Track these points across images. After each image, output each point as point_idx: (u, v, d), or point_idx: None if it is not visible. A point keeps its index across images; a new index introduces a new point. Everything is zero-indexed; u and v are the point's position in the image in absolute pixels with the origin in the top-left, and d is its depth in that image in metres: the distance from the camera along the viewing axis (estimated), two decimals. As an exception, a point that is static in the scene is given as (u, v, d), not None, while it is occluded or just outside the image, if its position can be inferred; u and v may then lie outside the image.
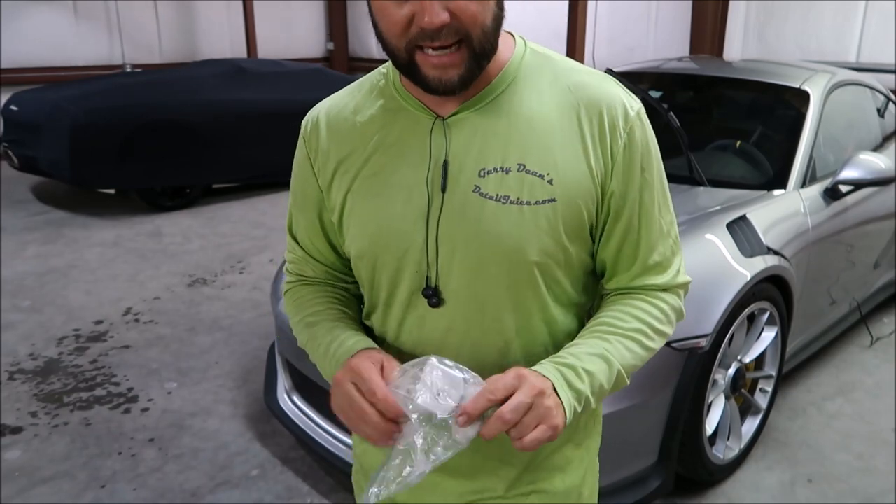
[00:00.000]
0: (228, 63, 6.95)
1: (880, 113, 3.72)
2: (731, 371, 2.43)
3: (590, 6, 6.80)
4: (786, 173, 2.84)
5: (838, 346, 3.48)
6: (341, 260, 1.12)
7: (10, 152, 6.06)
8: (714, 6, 6.95)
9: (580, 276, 1.04)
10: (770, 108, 3.35)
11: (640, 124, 0.98)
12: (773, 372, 2.66)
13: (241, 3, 9.58)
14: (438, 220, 0.96)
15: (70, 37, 8.54)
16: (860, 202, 3.07)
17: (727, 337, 2.30)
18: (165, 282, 4.42)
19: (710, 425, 2.38)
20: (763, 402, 2.66)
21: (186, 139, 5.93)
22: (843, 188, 2.91)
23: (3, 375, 3.23)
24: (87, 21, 8.63)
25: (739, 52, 7.14)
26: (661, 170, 1.02)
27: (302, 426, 2.47)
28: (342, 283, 1.14)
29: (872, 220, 3.24)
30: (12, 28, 8.08)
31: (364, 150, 1.00)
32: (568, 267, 1.00)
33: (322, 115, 1.06)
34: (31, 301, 4.10)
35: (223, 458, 2.64)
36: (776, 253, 2.48)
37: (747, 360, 2.52)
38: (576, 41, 6.59)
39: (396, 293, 1.02)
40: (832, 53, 6.32)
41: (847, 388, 3.14)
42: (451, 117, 0.97)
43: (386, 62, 1.02)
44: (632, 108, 0.97)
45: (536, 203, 0.94)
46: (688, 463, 2.32)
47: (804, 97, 3.05)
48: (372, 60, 10.79)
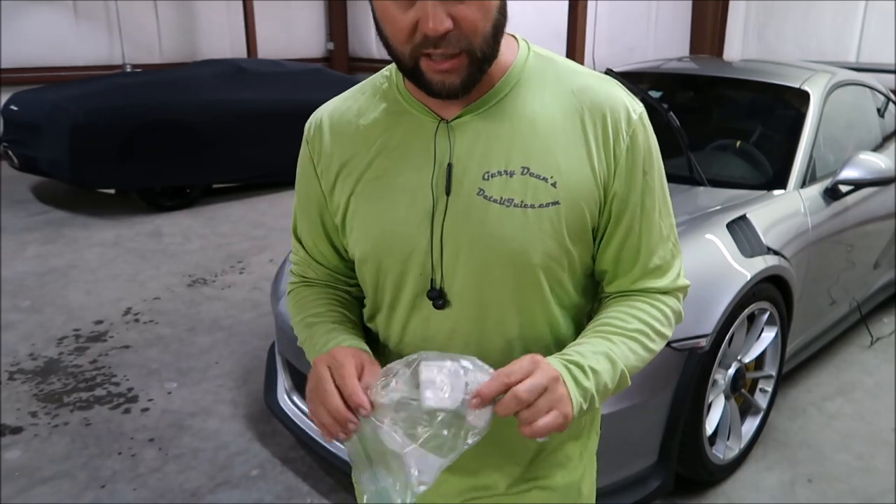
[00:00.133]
0: (228, 63, 6.95)
1: (880, 113, 3.72)
2: (731, 371, 2.43)
3: (590, 6, 6.80)
4: (786, 173, 2.84)
5: (838, 346, 3.48)
6: (344, 262, 1.12)
7: (10, 152, 6.06)
8: (714, 6, 6.95)
9: (581, 279, 1.04)
10: (770, 108, 3.35)
11: (642, 128, 0.98)
12: (773, 372, 2.66)
13: (241, 3, 9.58)
14: (443, 222, 0.96)
15: (70, 37, 8.53)
16: (860, 202, 3.07)
17: (727, 337, 2.30)
18: (165, 282, 4.42)
19: (710, 425, 2.38)
20: (763, 402, 2.66)
21: (186, 139, 5.93)
22: (843, 188, 2.91)
23: (3, 375, 3.23)
24: (87, 21, 8.63)
25: (739, 52, 7.14)
26: (661, 174, 1.03)
27: (302, 426, 2.47)
28: (344, 285, 1.15)
29: (872, 220, 3.24)
30: (12, 28, 8.07)
31: (367, 153, 1.00)
32: (571, 269, 1.00)
33: (325, 117, 1.06)
34: (31, 301, 4.10)
35: (223, 458, 2.64)
36: (776, 253, 2.48)
37: (747, 360, 2.52)
38: (576, 41, 6.59)
39: (401, 296, 1.03)
40: (832, 53, 6.32)
41: (847, 388, 3.14)
42: (454, 120, 0.97)
43: (388, 64, 1.03)
44: (634, 111, 0.98)
45: (540, 206, 0.94)
46: (688, 463, 2.32)
47: (804, 97, 3.05)
48: (372, 60, 10.79)
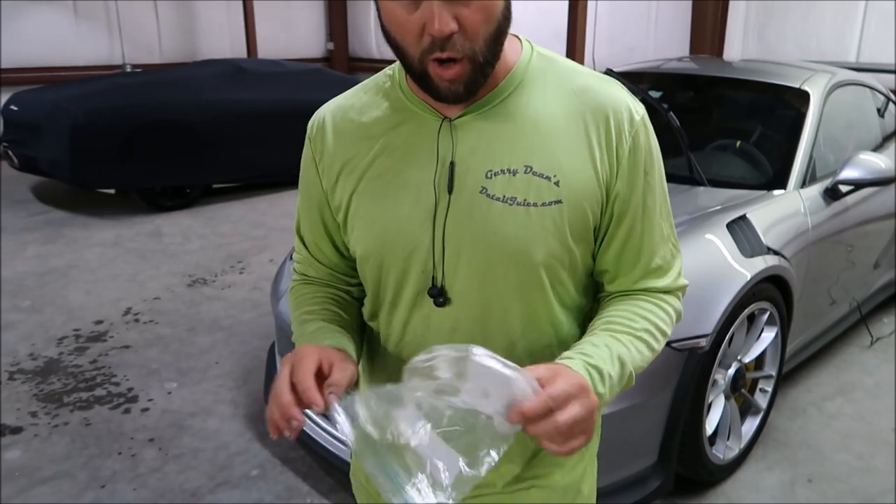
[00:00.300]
0: (228, 63, 6.95)
1: (880, 113, 3.72)
2: (731, 371, 2.43)
3: (590, 6, 6.80)
4: (786, 173, 2.84)
5: (838, 346, 3.48)
6: (344, 261, 1.13)
7: (10, 152, 6.06)
8: (714, 6, 6.95)
9: (583, 279, 1.05)
10: (770, 108, 3.35)
11: (644, 129, 0.99)
12: (773, 372, 2.66)
13: (241, 3, 9.58)
14: (445, 220, 0.97)
15: (70, 37, 8.53)
16: (860, 202, 3.07)
17: (727, 337, 2.30)
18: (165, 282, 4.42)
19: (710, 425, 2.38)
20: (763, 402, 2.66)
21: (186, 139, 5.93)
22: (843, 188, 2.91)
23: (3, 375, 3.23)
24: (87, 21, 8.63)
25: (739, 52, 7.14)
26: (662, 175, 1.03)
27: (302, 426, 2.47)
28: (344, 284, 1.15)
29: (872, 220, 3.25)
30: (12, 28, 8.07)
31: (370, 151, 1.01)
32: (572, 268, 1.01)
33: (328, 116, 1.07)
34: (31, 301, 4.10)
35: (223, 458, 2.64)
36: (776, 253, 2.48)
37: (747, 360, 2.52)
38: (576, 41, 6.59)
39: (402, 293, 1.03)
40: (832, 53, 6.32)
41: (847, 388, 3.14)
42: (458, 119, 0.97)
43: (388, 64, 1.04)
44: (637, 112, 0.98)
45: (543, 204, 0.95)
46: (688, 463, 2.32)
47: (804, 97, 3.05)
48: (372, 60, 10.79)
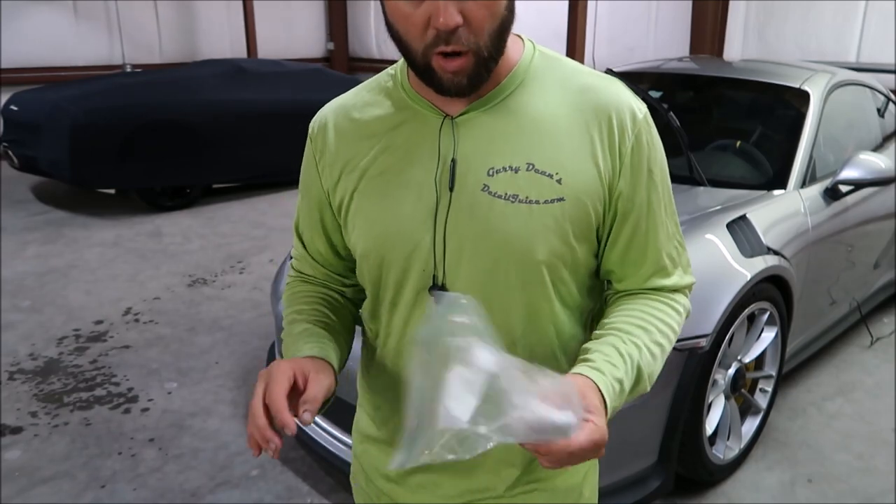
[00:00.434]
0: (228, 63, 6.94)
1: (880, 113, 3.72)
2: (731, 371, 2.43)
3: (590, 6, 6.80)
4: (786, 173, 2.84)
5: (838, 346, 3.48)
6: (341, 261, 1.13)
7: (10, 152, 6.05)
8: (714, 6, 6.95)
9: (585, 279, 1.04)
10: (770, 108, 3.35)
11: (647, 127, 0.99)
12: (773, 372, 2.66)
13: (241, 3, 9.58)
14: (446, 218, 0.97)
15: (70, 37, 8.53)
16: (860, 202, 3.07)
17: (727, 337, 2.30)
18: (165, 282, 4.42)
19: (710, 425, 2.38)
20: (763, 402, 2.66)
21: (186, 139, 5.93)
22: (843, 188, 2.91)
23: (3, 375, 3.23)
24: (87, 21, 8.63)
25: (739, 52, 7.13)
26: (665, 173, 1.03)
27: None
28: (339, 285, 1.15)
29: (872, 220, 3.25)
30: (12, 28, 8.07)
31: (371, 149, 1.01)
32: (574, 267, 1.00)
33: (329, 115, 1.07)
34: (31, 301, 4.10)
35: (223, 458, 2.64)
36: (776, 253, 2.48)
37: (747, 360, 2.52)
38: (576, 41, 6.59)
39: (403, 292, 1.02)
40: (832, 53, 6.32)
41: (847, 388, 3.14)
42: (459, 117, 0.97)
43: (388, 64, 1.04)
44: (639, 111, 0.98)
45: (545, 202, 0.94)
46: (688, 463, 2.32)
47: (804, 97, 3.05)
48: (372, 60, 10.79)
